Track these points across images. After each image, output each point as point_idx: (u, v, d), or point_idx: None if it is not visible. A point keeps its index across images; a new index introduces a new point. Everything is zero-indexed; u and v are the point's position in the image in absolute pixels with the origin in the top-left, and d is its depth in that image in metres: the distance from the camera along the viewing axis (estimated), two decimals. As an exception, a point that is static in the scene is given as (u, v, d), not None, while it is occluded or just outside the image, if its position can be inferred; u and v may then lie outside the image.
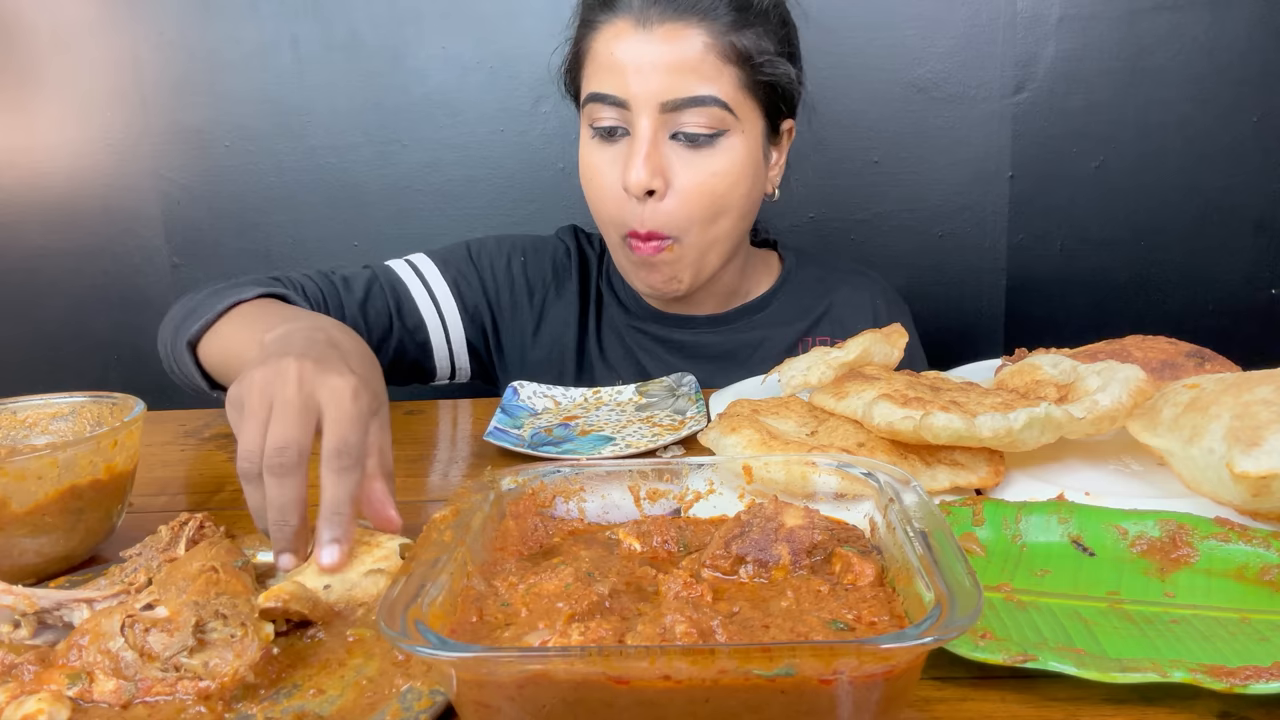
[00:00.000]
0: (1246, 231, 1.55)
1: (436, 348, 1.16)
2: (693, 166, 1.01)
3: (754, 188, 1.07)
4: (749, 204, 1.08)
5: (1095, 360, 0.80)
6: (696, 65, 0.98)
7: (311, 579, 0.56)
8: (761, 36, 1.02)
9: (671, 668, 0.37)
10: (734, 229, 1.08)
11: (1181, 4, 1.47)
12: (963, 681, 0.49)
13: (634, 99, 0.99)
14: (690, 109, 0.99)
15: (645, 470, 0.59)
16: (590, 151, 1.07)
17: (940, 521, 0.47)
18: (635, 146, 1.00)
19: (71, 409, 0.76)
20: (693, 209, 1.02)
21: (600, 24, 1.02)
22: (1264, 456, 0.58)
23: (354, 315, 1.09)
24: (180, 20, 1.58)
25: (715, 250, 1.08)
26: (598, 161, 1.05)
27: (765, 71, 1.02)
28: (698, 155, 1.01)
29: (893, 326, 0.92)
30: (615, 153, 1.04)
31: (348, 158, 1.63)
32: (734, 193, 1.04)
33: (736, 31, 1.00)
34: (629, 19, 1.00)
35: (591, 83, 1.04)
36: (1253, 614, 0.53)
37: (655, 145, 1.00)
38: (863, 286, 1.23)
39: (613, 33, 1.01)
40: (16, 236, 1.69)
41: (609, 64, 1.01)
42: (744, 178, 1.04)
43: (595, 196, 1.08)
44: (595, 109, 1.03)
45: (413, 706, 0.47)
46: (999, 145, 1.54)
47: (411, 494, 0.81)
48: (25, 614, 0.54)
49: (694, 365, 1.15)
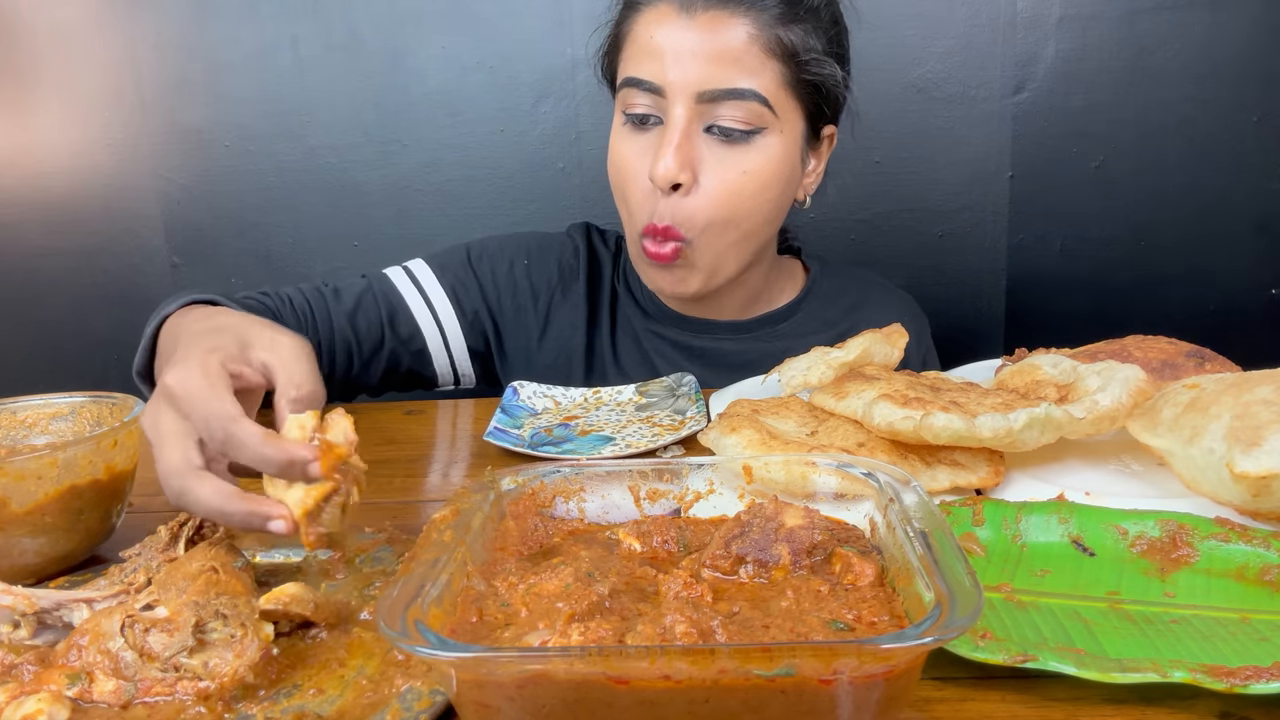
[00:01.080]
0: (1246, 231, 1.55)
1: (435, 356, 1.14)
2: (725, 163, 0.98)
3: (784, 192, 1.03)
4: (776, 209, 1.04)
5: (1095, 360, 0.80)
6: (739, 56, 0.95)
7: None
8: (810, 33, 0.98)
9: (671, 668, 0.37)
10: (757, 233, 1.04)
11: (1181, 4, 1.47)
12: (963, 681, 0.48)
13: (670, 86, 0.96)
14: (728, 101, 0.96)
15: (645, 470, 0.59)
16: (620, 139, 1.03)
17: (940, 521, 0.47)
18: (667, 136, 0.97)
19: (71, 409, 0.76)
20: (715, 209, 0.99)
21: (643, 6, 1.00)
22: (1264, 456, 0.58)
23: (342, 326, 1.07)
24: (180, 20, 1.58)
25: (732, 255, 1.04)
26: (627, 150, 1.02)
27: (811, 70, 0.99)
28: (731, 151, 0.98)
29: (893, 327, 0.92)
30: (646, 142, 1.00)
31: (348, 158, 1.63)
32: (763, 195, 1.00)
33: (784, 25, 0.96)
34: (673, 3, 0.97)
35: (628, 67, 1.01)
36: (1253, 614, 0.53)
37: (688, 136, 0.97)
38: (890, 305, 1.19)
39: (654, 16, 0.98)
40: (17, 236, 1.69)
41: (648, 48, 0.98)
42: (776, 180, 1.01)
43: (620, 186, 1.04)
44: (630, 94, 1.00)
45: (413, 706, 0.47)
46: (999, 145, 1.54)
47: (411, 494, 0.81)
48: (25, 614, 0.54)
49: (713, 373, 1.12)
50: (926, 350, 1.19)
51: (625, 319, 1.18)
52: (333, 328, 1.07)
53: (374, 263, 1.20)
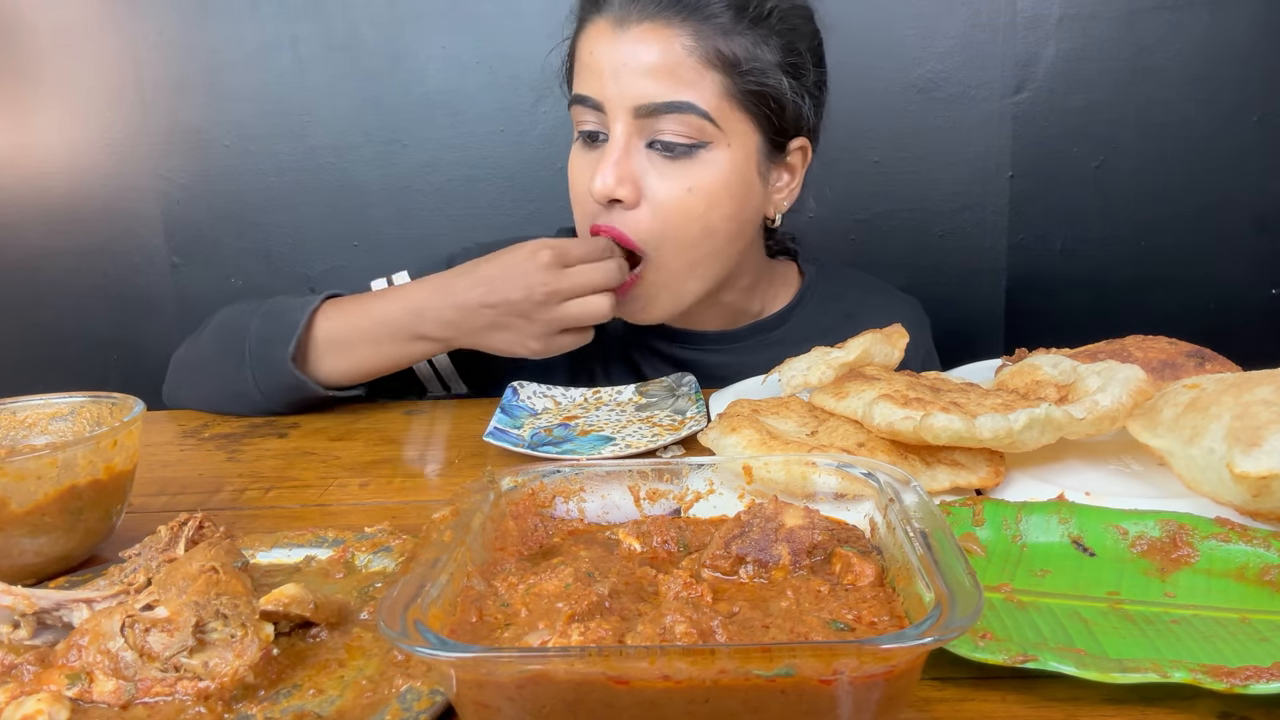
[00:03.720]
0: (1246, 231, 1.55)
1: (419, 369, 1.13)
2: (669, 178, 0.97)
3: (742, 209, 1.01)
4: (736, 226, 1.01)
5: (1095, 360, 0.80)
6: (673, 69, 0.94)
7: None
8: (757, 44, 0.96)
9: (671, 668, 0.37)
10: (718, 253, 1.02)
11: (1181, 4, 1.47)
12: (963, 682, 0.48)
13: (608, 101, 0.96)
14: (667, 115, 0.94)
15: (645, 470, 0.59)
16: (574, 155, 1.04)
17: (940, 521, 0.47)
18: (606, 152, 0.97)
19: (71, 409, 0.76)
20: (667, 225, 0.98)
21: (585, 24, 1.00)
22: (1264, 456, 0.58)
23: None
24: (180, 20, 1.58)
25: (694, 276, 1.02)
26: (577, 165, 1.03)
27: (754, 81, 0.96)
28: (674, 166, 0.97)
29: (893, 327, 0.92)
30: (594, 157, 0.99)
31: (348, 158, 1.63)
32: (714, 212, 0.98)
33: (725, 36, 0.95)
34: (609, 18, 0.96)
35: (576, 84, 1.02)
36: (1253, 614, 0.53)
37: (627, 152, 0.96)
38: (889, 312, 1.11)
39: (594, 33, 0.98)
40: (17, 236, 1.69)
41: (590, 65, 0.98)
42: (727, 197, 0.98)
43: (574, 201, 1.05)
44: (578, 111, 1.01)
45: (413, 706, 0.47)
46: (999, 145, 1.54)
47: (411, 494, 0.81)
48: (25, 614, 0.54)
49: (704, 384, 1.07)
50: (926, 354, 1.17)
51: (610, 329, 1.14)
52: None
53: (374, 263, 1.20)
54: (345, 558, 0.65)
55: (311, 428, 1.00)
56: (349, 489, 0.82)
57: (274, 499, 0.81)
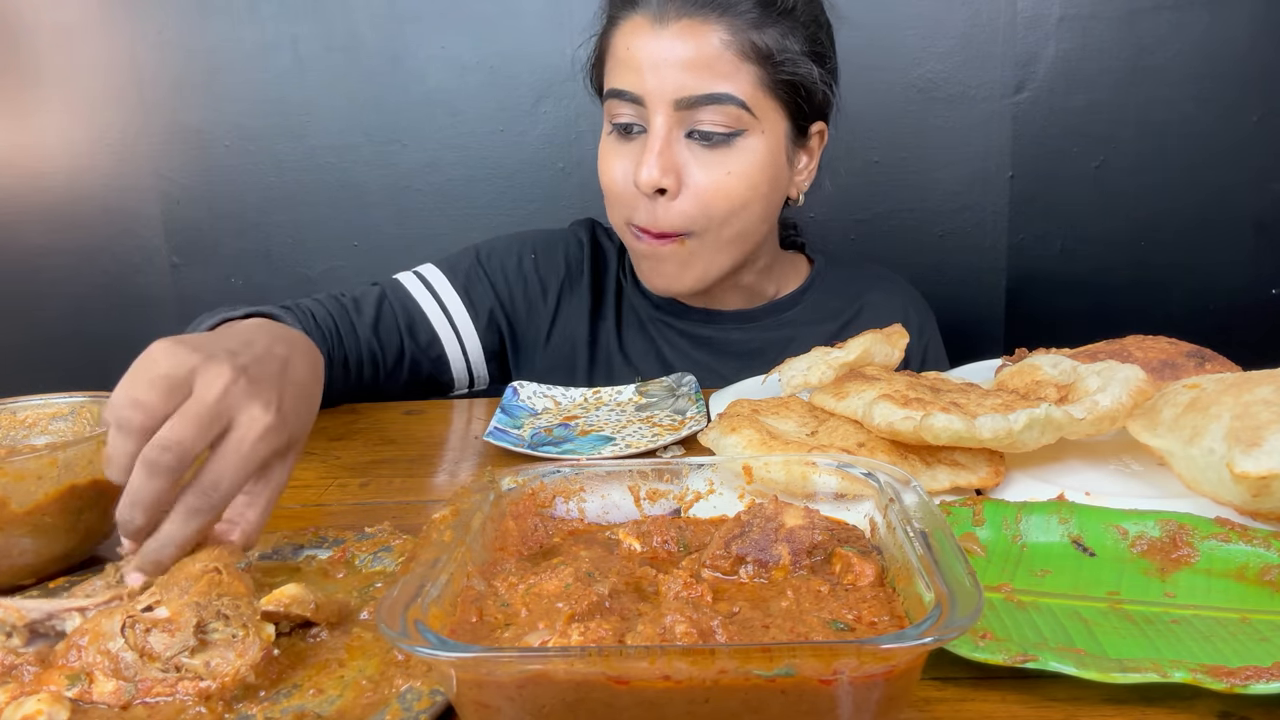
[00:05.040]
0: (1246, 231, 1.55)
1: (453, 360, 1.15)
2: (708, 166, 1.00)
3: (773, 190, 1.06)
4: (768, 207, 1.06)
5: (1095, 360, 0.80)
6: (712, 62, 0.97)
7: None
8: (786, 35, 1.00)
9: (671, 668, 0.37)
10: (750, 231, 1.06)
11: (1181, 4, 1.47)
12: (963, 682, 0.48)
13: (649, 95, 0.99)
14: (706, 107, 0.98)
15: (645, 470, 0.59)
16: (608, 147, 1.07)
17: (940, 521, 0.47)
18: (649, 143, 1.00)
19: (71, 409, 0.76)
20: (708, 207, 1.01)
21: (620, 20, 1.03)
22: (1264, 456, 0.58)
23: (368, 339, 1.08)
24: (180, 20, 1.58)
25: (728, 251, 1.06)
26: (614, 157, 1.05)
27: (788, 70, 1.00)
28: (714, 155, 1.00)
29: (894, 327, 0.92)
30: (631, 149, 1.03)
31: (348, 158, 1.63)
32: (751, 194, 1.02)
33: (757, 29, 0.98)
34: (647, 15, 0.99)
35: (611, 79, 1.04)
36: (1253, 614, 0.53)
37: (669, 143, 1.00)
38: (895, 292, 1.22)
39: (631, 29, 1.01)
40: (16, 236, 1.69)
41: (626, 60, 1.01)
42: (762, 179, 1.03)
43: (609, 192, 1.07)
44: (614, 105, 1.03)
45: (413, 706, 0.47)
46: (999, 145, 1.54)
47: (411, 494, 0.81)
48: (16, 626, 0.54)
49: (721, 362, 1.14)
50: (929, 341, 1.20)
51: (631, 309, 1.19)
52: (358, 341, 1.07)
53: (374, 262, 1.20)
54: (345, 558, 0.65)
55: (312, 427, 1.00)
56: (349, 489, 0.82)
57: (274, 499, 0.80)
